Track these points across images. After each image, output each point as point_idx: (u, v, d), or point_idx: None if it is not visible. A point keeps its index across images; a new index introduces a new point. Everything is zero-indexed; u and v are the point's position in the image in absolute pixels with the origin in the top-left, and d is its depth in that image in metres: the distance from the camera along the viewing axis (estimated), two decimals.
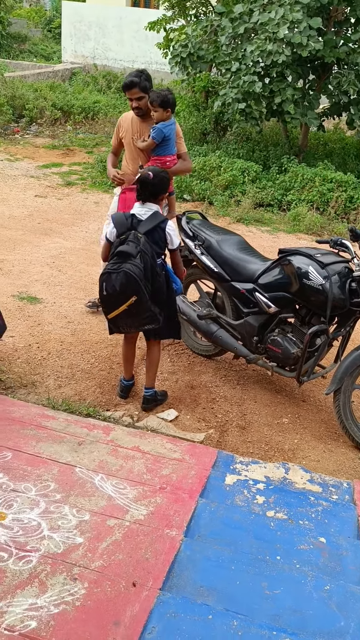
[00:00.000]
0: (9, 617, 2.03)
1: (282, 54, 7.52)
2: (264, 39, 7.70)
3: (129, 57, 15.87)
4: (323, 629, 2.20)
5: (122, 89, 4.24)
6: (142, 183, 3.45)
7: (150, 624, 2.08)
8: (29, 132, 11.43)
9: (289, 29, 7.54)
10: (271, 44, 7.59)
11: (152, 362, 3.76)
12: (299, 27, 7.53)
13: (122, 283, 3.28)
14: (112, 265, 3.32)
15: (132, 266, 3.27)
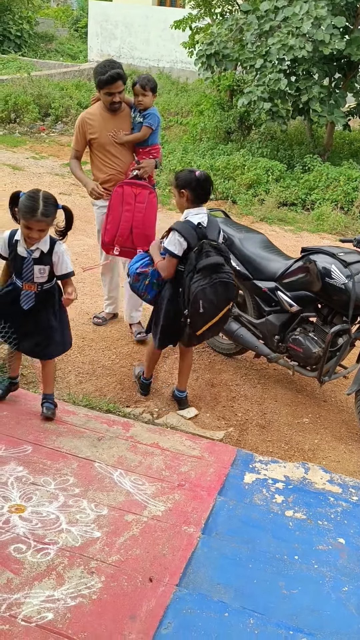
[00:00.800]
0: (26, 608, 2.05)
1: (303, 49, 7.46)
2: (286, 33, 7.65)
3: (155, 56, 15.91)
4: (340, 630, 2.17)
5: (102, 83, 3.94)
6: (204, 183, 3.27)
7: (166, 619, 2.08)
8: (55, 130, 11.53)
9: (312, 25, 7.48)
10: (293, 39, 7.53)
11: (187, 365, 3.76)
12: (322, 24, 7.46)
13: (221, 293, 3.25)
14: (203, 280, 3.20)
15: (226, 275, 3.26)
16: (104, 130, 4.11)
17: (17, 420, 3.25)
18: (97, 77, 3.97)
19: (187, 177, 3.27)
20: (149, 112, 4.09)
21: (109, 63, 3.98)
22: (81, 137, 4.19)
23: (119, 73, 3.91)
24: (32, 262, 3.04)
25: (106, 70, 3.92)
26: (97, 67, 3.99)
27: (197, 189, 3.27)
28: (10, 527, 2.42)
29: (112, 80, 3.92)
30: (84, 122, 4.15)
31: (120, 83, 3.96)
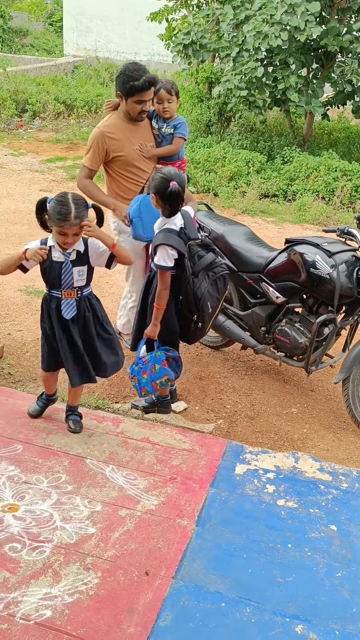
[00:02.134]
0: (24, 606, 2.06)
1: (278, 37, 7.46)
2: (261, 20, 7.65)
3: (132, 49, 15.81)
4: (335, 615, 2.21)
5: (136, 90, 3.44)
6: (176, 196, 3.07)
7: (163, 611, 2.10)
8: (33, 126, 11.42)
9: (286, 12, 7.48)
10: (267, 26, 7.53)
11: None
12: (297, 10, 7.47)
13: (222, 287, 3.27)
14: (204, 282, 3.19)
15: (221, 268, 3.25)
16: (129, 144, 3.63)
17: (6, 419, 3.23)
18: (128, 83, 3.44)
19: (159, 184, 3.06)
20: (179, 122, 3.73)
21: (138, 67, 3.48)
22: (100, 156, 3.63)
23: (153, 77, 3.50)
24: (70, 265, 2.91)
25: (140, 75, 3.42)
26: (126, 71, 3.46)
27: (165, 201, 3.09)
28: (4, 526, 2.42)
29: (148, 86, 3.47)
30: (105, 139, 3.59)
31: (152, 90, 3.53)
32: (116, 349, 3.17)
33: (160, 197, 3.08)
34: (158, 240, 3.15)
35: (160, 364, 3.26)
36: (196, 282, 3.21)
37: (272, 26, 7.55)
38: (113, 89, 13.88)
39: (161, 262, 3.14)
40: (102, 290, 5.24)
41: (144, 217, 3.48)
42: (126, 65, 3.51)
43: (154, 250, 3.16)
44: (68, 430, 3.19)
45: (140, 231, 3.54)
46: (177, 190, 3.05)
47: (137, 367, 3.33)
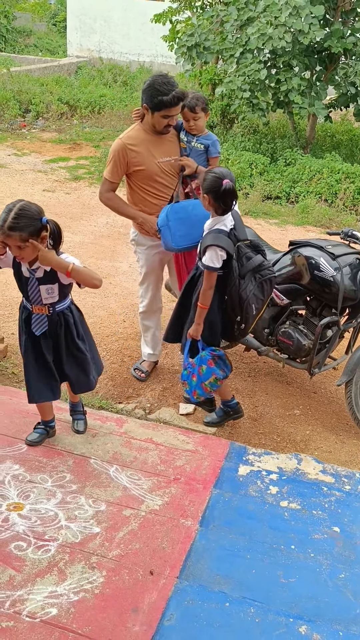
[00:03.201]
0: (30, 604, 2.07)
1: (282, 39, 7.48)
2: (265, 22, 7.67)
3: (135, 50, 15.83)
4: (339, 616, 2.22)
5: (164, 105, 3.30)
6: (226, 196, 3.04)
7: (168, 611, 2.12)
8: (36, 126, 11.43)
9: (291, 15, 7.50)
10: (272, 28, 7.55)
11: None
12: (301, 13, 7.49)
13: (267, 289, 3.24)
14: (250, 285, 3.16)
15: (268, 271, 3.22)
16: (151, 158, 3.50)
17: (10, 418, 3.25)
18: (156, 97, 3.29)
19: (212, 183, 3.01)
20: (210, 139, 3.59)
21: (167, 80, 3.31)
22: (122, 168, 3.53)
23: (183, 93, 3.34)
24: (36, 282, 2.73)
25: (169, 89, 3.27)
26: (155, 84, 3.30)
27: (219, 200, 3.04)
28: (9, 525, 2.43)
29: (177, 102, 3.32)
30: (126, 151, 3.47)
31: (181, 105, 3.39)
32: (88, 369, 2.99)
33: (213, 197, 3.03)
34: (208, 241, 3.11)
35: (206, 364, 3.24)
36: (242, 283, 3.15)
37: (276, 28, 7.57)
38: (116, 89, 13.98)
39: (209, 263, 3.10)
40: (106, 291, 5.26)
41: (172, 225, 3.43)
42: (155, 77, 3.34)
43: (203, 251, 3.12)
44: (72, 430, 3.20)
45: (169, 240, 3.47)
46: (231, 187, 3.01)
47: (187, 372, 3.29)
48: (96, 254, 6.09)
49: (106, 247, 6.29)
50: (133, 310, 4.97)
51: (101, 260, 5.93)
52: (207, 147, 3.62)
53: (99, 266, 5.77)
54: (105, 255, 6.06)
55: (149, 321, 4.00)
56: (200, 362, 3.26)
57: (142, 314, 4.00)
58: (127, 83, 14.42)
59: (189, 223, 3.43)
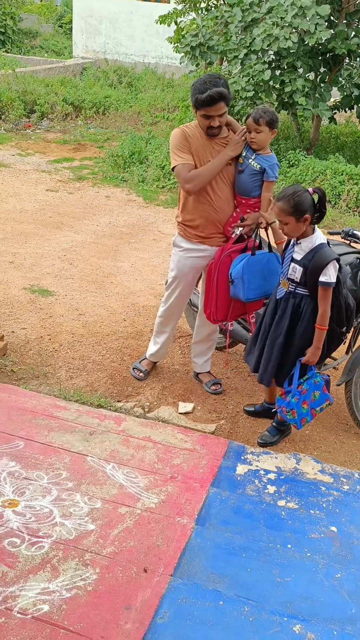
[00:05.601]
0: (22, 600, 2.06)
1: (288, 39, 7.47)
2: (271, 23, 7.67)
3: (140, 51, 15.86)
4: (334, 616, 2.20)
5: (200, 104, 3.20)
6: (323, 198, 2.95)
7: (161, 608, 2.10)
8: (40, 127, 11.46)
9: (296, 15, 7.50)
10: (278, 29, 7.54)
11: None
12: (307, 13, 7.48)
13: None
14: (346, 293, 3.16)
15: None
16: (202, 157, 3.36)
17: (8, 416, 3.24)
18: (194, 95, 3.23)
19: (307, 200, 2.87)
20: (270, 162, 3.37)
21: (211, 79, 3.21)
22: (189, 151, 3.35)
23: (220, 93, 3.17)
24: None
25: (206, 87, 3.17)
26: (196, 83, 3.25)
27: (316, 211, 2.91)
28: (4, 521, 2.42)
29: (212, 101, 3.18)
30: (186, 135, 3.36)
31: (222, 105, 3.22)
32: None
33: (312, 213, 2.91)
34: (328, 256, 2.92)
35: (320, 389, 3.13)
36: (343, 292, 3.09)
37: (282, 29, 7.56)
38: (121, 90, 14.00)
39: (332, 278, 2.93)
40: (107, 290, 5.26)
41: (246, 279, 3.37)
42: (203, 75, 3.30)
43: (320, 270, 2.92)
44: None
45: (240, 292, 3.41)
46: (321, 192, 2.91)
47: (295, 399, 3.13)
48: (98, 253, 6.09)
49: (108, 246, 6.29)
50: (134, 309, 4.96)
51: (103, 259, 5.93)
52: (263, 169, 3.36)
53: (101, 265, 5.77)
54: (108, 255, 6.06)
55: (166, 327, 3.89)
56: (314, 388, 3.12)
57: (160, 318, 3.89)
58: (132, 84, 14.45)
59: (262, 277, 3.40)
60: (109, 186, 8.45)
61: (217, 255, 3.48)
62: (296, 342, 3.14)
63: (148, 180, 8.63)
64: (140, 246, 6.38)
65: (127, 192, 8.27)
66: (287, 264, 3.10)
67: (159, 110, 12.47)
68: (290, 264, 3.07)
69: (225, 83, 3.23)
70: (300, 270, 3.02)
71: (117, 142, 10.21)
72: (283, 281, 3.13)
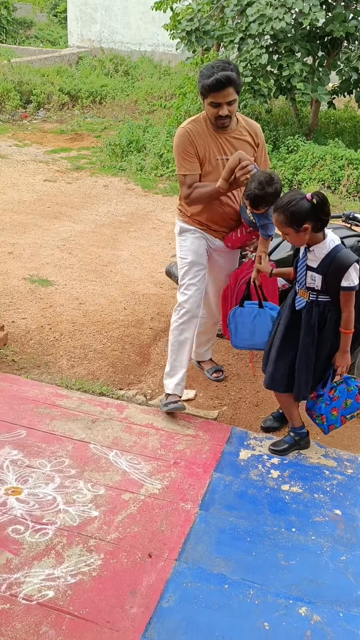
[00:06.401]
0: (27, 587, 2.06)
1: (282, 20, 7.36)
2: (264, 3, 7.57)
3: (136, 39, 15.72)
4: (340, 598, 2.20)
5: (206, 89, 2.95)
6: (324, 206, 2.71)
7: (166, 593, 2.10)
8: (37, 117, 11.39)
9: None
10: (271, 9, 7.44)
11: None
12: None
13: None
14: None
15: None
16: (210, 156, 3.14)
17: (9, 405, 3.23)
18: (200, 81, 2.98)
19: (304, 208, 2.62)
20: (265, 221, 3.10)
21: (219, 63, 2.98)
22: (194, 155, 3.11)
23: (228, 77, 2.91)
24: None
25: (213, 72, 2.93)
26: (203, 69, 3.01)
27: (321, 215, 2.66)
28: (7, 509, 2.42)
29: (220, 86, 2.92)
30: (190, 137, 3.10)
31: (230, 91, 2.95)
32: None
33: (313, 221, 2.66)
34: (348, 260, 2.74)
35: (353, 398, 2.99)
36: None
37: (276, 9, 7.46)
38: (117, 79, 13.89)
39: (355, 282, 2.77)
40: (107, 279, 5.24)
41: (233, 328, 3.34)
42: (212, 61, 3.07)
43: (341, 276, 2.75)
44: None
45: (231, 336, 3.39)
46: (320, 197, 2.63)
47: (325, 405, 3.00)
48: (97, 242, 6.06)
49: (107, 235, 6.26)
50: (134, 298, 4.94)
51: (102, 248, 5.90)
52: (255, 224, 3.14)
53: (100, 254, 5.75)
54: (107, 244, 6.03)
55: (188, 332, 3.40)
56: (346, 396, 2.99)
57: (179, 323, 3.38)
58: (128, 73, 14.33)
59: (249, 331, 3.31)
60: (107, 175, 8.40)
61: (233, 280, 3.38)
62: (324, 350, 2.98)
63: (146, 169, 8.58)
64: (140, 235, 6.35)
65: (126, 181, 8.22)
66: (303, 273, 2.89)
67: (156, 98, 12.37)
68: (307, 272, 2.86)
69: (235, 68, 2.98)
70: (319, 278, 2.82)
71: (115, 131, 10.14)
72: (301, 291, 2.93)
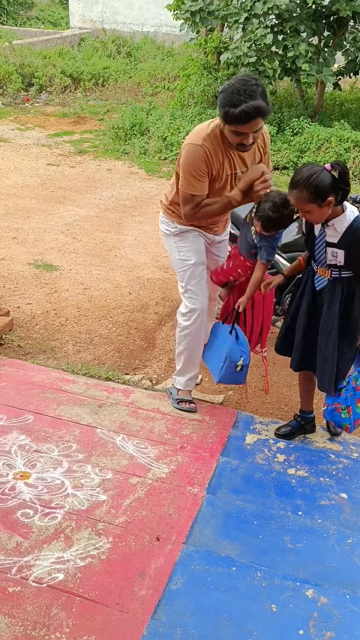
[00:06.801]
0: (37, 570, 2.08)
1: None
2: None
3: (138, 20, 15.52)
4: (347, 580, 2.22)
5: (231, 119, 2.61)
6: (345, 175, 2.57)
7: (175, 575, 2.12)
8: (39, 100, 11.29)
9: None
10: None
11: None
12: None
13: None
14: None
15: None
16: (221, 173, 2.89)
17: (17, 390, 3.25)
18: (224, 106, 2.62)
19: (327, 180, 2.46)
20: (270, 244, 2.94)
21: (247, 87, 2.57)
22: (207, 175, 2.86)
23: (258, 108, 2.57)
24: None
25: (241, 99, 2.56)
26: (229, 89, 2.62)
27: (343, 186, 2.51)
28: (16, 493, 2.44)
29: (247, 119, 2.59)
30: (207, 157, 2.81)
31: (258, 121, 2.64)
32: None
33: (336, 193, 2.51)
34: None
35: None
36: None
37: None
38: (120, 61, 13.73)
39: None
40: (112, 264, 5.23)
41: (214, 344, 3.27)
42: (237, 79, 2.64)
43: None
44: None
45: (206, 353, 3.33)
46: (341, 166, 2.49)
47: (350, 395, 2.85)
48: (101, 227, 6.04)
49: (111, 220, 6.24)
50: (139, 282, 4.94)
51: (106, 233, 5.88)
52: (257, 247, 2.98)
53: (104, 239, 5.73)
54: (111, 228, 6.01)
55: (200, 332, 3.28)
56: None
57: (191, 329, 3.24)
58: (131, 54, 14.17)
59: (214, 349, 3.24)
60: (111, 159, 8.34)
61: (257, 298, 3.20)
62: (351, 330, 2.81)
63: (150, 152, 8.51)
64: (144, 219, 6.32)
65: (129, 165, 8.17)
66: (322, 251, 2.72)
67: (159, 80, 12.24)
68: (326, 249, 2.69)
69: (263, 91, 2.61)
70: (342, 253, 2.66)
71: (118, 114, 10.06)
72: (322, 269, 2.77)
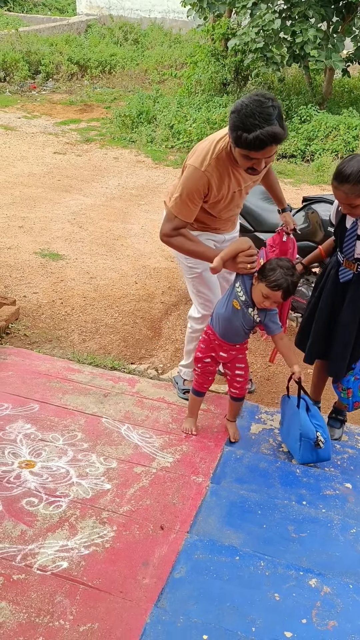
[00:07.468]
0: (41, 558, 2.10)
1: None
2: None
3: (146, 6, 15.37)
4: (350, 570, 2.22)
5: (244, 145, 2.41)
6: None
7: (178, 564, 2.13)
8: (46, 88, 11.25)
9: None
10: None
11: None
12: None
13: None
14: None
15: None
16: (222, 193, 2.75)
17: (22, 379, 3.26)
18: (236, 130, 2.41)
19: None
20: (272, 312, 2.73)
21: (262, 110, 2.37)
22: (201, 200, 2.73)
23: (274, 135, 2.37)
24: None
25: (255, 124, 2.35)
26: (243, 110, 2.39)
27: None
28: (21, 481, 2.46)
29: (261, 145, 2.40)
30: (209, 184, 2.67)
31: (273, 147, 2.45)
32: None
33: None
34: None
35: None
36: None
37: None
38: (127, 48, 13.62)
39: None
40: (118, 253, 5.22)
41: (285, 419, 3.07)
42: (250, 99, 2.41)
43: None
44: None
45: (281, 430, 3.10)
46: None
47: (354, 378, 2.94)
48: (108, 216, 6.02)
49: (118, 209, 6.22)
50: (145, 272, 4.93)
51: (113, 222, 5.87)
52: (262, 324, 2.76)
53: (111, 228, 5.72)
54: (117, 217, 5.99)
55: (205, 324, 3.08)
56: None
57: (196, 319, 3.19)
58: (138, 41, 14.06)
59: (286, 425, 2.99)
60: (117, 147, 8.31)
61: None
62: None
63: (157, 141, 8.47)
64: (150, 208, 6.30)
65: (136, 153, 8.13)
66: (352, 244, 2.74)
67: (166, 67, 12.15)
68: (356, 242, 2.72)
69: (279, 114, 2.41)
70: None
71: (124, 102, 9.99)
72: (349, 262, 2.79)
